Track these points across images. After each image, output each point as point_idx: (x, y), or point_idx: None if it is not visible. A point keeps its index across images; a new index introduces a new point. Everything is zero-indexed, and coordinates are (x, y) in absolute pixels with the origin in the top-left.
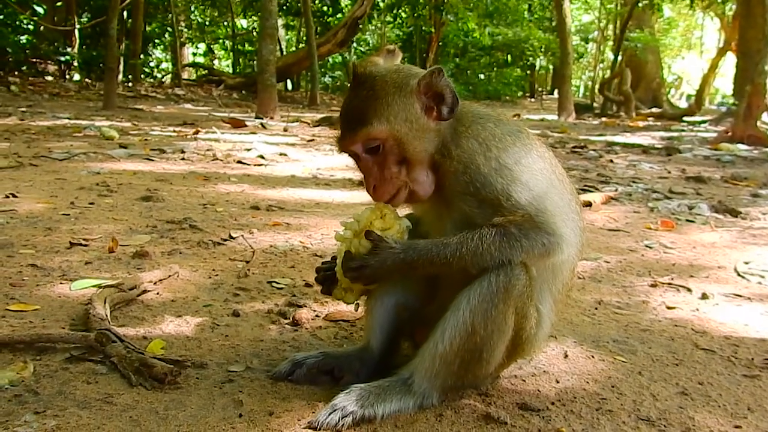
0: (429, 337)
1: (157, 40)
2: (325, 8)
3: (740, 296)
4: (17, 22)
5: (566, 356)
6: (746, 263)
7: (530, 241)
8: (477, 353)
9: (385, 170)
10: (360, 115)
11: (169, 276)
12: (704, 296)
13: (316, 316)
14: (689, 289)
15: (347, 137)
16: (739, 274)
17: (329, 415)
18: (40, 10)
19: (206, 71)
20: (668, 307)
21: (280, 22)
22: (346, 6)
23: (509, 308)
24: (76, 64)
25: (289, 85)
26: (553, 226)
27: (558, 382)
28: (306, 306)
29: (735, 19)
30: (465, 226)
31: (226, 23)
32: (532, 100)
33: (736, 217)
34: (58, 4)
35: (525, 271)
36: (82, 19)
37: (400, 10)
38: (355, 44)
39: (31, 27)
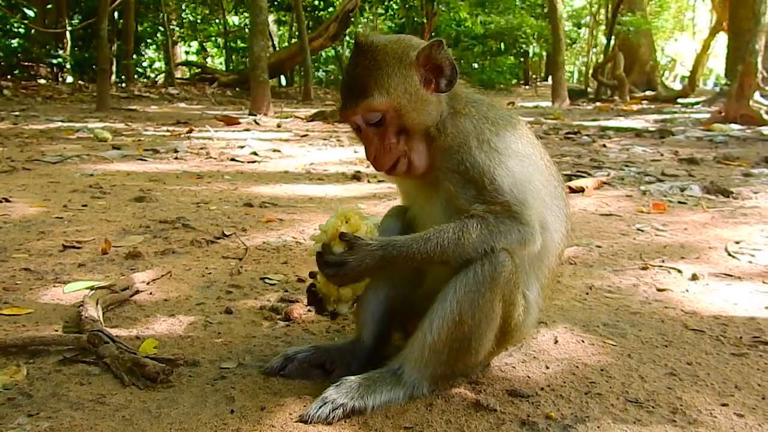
0: (417, 328)
1: (149, 40)
2: (316, 2)
3: (730, 276)
4: (7, 26)
5: (556, 342)
6: (737, 242)
7: (506, 227)
8: (465, 342)
9: (385, 140)
10: (361, 87)
11: (162, 276)
12: (695, 277)
13: (309, 310)
14: (680, 271)
15: (349, 108)
16: (729, 254)
17: (320, 408)
18: (30, 13)
19: (199, 69)
20: (659, 290)
21: (272, 17)
22: None
23: (496, 296)
24: (68, 66)
25: (283, 81)
26: (528, 217)
27: (548, 367)
28: (298, 301)
29: None
30: (452, 207)
31: (217, 21)
32: (527, 87)
33: (728, 197)
34: (49, 6)
35: (510, 258)
36: (73, 21)
37: (391, 2)
38: (347, 38)
39: (21, 30)
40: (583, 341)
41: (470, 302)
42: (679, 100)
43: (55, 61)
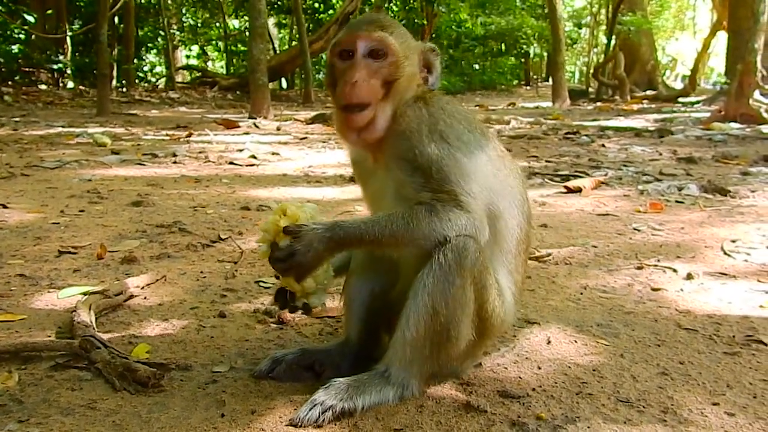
0: (396, 327)
1: (149, 44)
2: (316, 5)
3: (726, 274)
4: (8, 32)
5: (549, 342)
6: (733, 241)
7: (455, 215)
8: (445, 333)
9: (372, 78)
10: (381, 24)
11: (157, 280)
12: (689, 276)
13: (302, 313)
14: (675, 270)
15: (362, 31)
16: (725, 253)
17: (309, 410)
18: (30, 18)
19: (200, 73)
20: (653, 289)
21: (272, 20)
22: (337, 2)
23: (466, 281)
24: (69, 71)
25: (284, 84)
26: (473, 206)
27: (540, 368)
28: None
29: None
30: (401, 197)
31: (218, 24)
32: (528, 88)
33: (725, 196)
34: (49, 12)
35: (473, 241)
36: (73, 26)
37: (391, 4)
38: None
39: (22, 36)
40: (575, 341)
41: (441, 292)
42: (680, 100)
43: (55, 67)
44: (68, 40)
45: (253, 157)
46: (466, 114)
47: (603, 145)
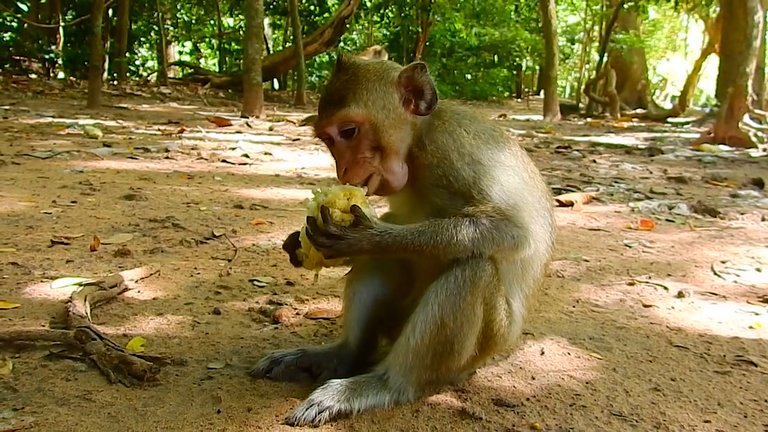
0: (401, 333)
1: (142, 38)
2: (312, 7)
3: (716, 295)
4: (0, 20)
5: (543, 353)
6: (723, 262)
7: (500, 233)
8: (448, 346)
9: (358, 154)
10: (339, 97)
11: (151, 274)
12: (680, 294)
13: (297, 314)
14: (666, 288)
15: (324, 118)
16: (715, 273)
17: (306, 410)
18: (23, 7)
19: (192, 70)
20: (645, 305)
21: (267, 21)
22: (333, 5)
23: (477, 300)
24: (60, 62)
25: (276, 84)
26: (522, 220)
27: (534, 378)
28: (287, 304)
29: (718, 22)
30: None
31: (212, 22)
32: (519, 100)
33: (715, 217)
34: (42, 1)
35: (491, 263)
36: (66, 17)
37: (387, 10)
38: (342, 44)
39: (14, 24)
40: (569, 354)
41: (452, 306)
42: (669, 119)
43: (47, 57)
44: (61, 30)
45: (246, 156)
46: (492, 132)
47: (594, 161)
